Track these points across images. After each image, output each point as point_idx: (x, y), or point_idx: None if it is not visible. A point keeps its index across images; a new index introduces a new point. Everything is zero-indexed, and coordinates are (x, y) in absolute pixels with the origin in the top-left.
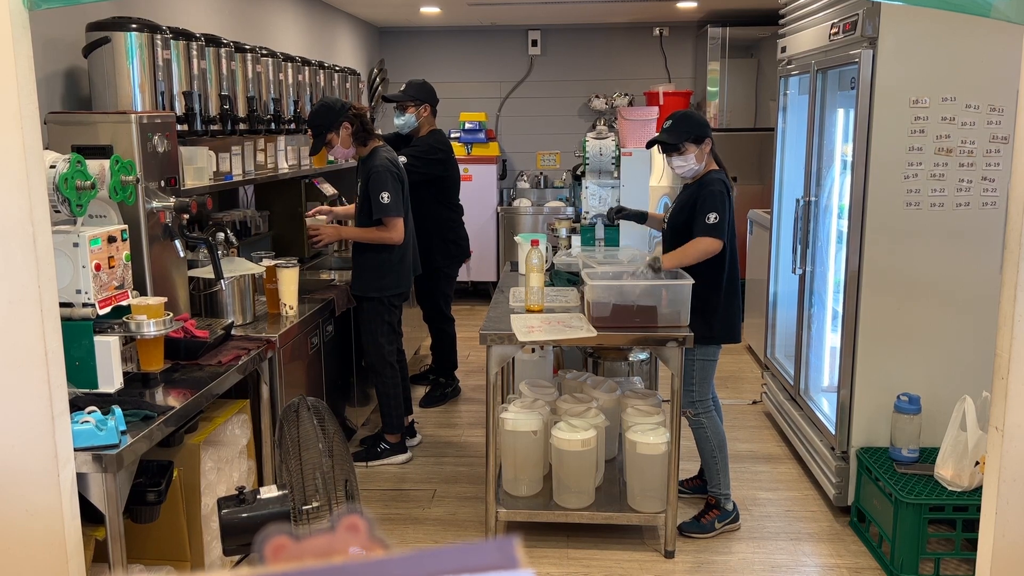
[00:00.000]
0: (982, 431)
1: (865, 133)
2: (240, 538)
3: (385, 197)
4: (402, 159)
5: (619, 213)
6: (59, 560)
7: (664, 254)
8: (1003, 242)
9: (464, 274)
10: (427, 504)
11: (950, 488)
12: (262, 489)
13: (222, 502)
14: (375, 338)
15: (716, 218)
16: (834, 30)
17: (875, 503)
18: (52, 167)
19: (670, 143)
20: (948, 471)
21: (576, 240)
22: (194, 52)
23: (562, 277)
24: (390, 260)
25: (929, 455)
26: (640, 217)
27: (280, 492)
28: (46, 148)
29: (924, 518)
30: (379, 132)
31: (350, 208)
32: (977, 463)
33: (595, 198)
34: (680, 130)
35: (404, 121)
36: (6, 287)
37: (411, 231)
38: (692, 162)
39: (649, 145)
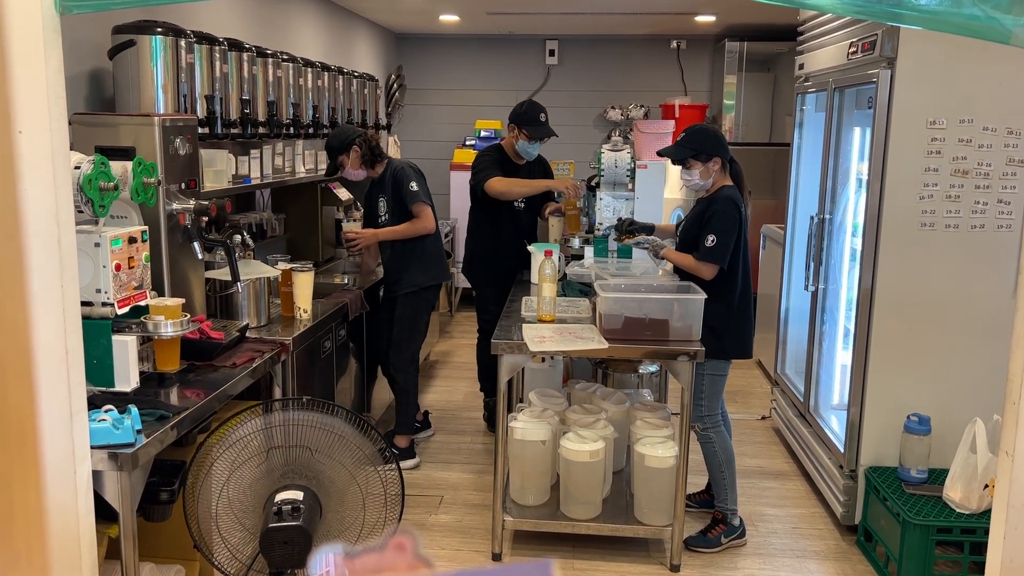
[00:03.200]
0: (992, 454)
1: (881, 152)
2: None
3: (413, 186)
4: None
5: (631, 226)
6: (72, 556)
7: (671, 249)
8: (1017, 265)
9: None
10: (434, 510)
11: (958, 510)
12: (285, 494)
13: (280, 519)
14: (412, 335)
15: (714, 241)
16: (852, 49)
17: (882, 523)
18: (76, 168)
19: (674, 157)
20: (957, 493)
21: (589, 251)
22: (217, 56)
23: (574, 288)
24: (426, 249)
25: (938, 476)
26: (648, 230)
27: (298, 493)
28: (71, 149)
29: (931, 539)
30: (393, 142)
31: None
32: (986, 486)
33: (609, 210)
34: (686, 146)
35: (536, 149)
36: (29, 286)
37: (439, 228)
38: (697, 178)
39: (660, 154)
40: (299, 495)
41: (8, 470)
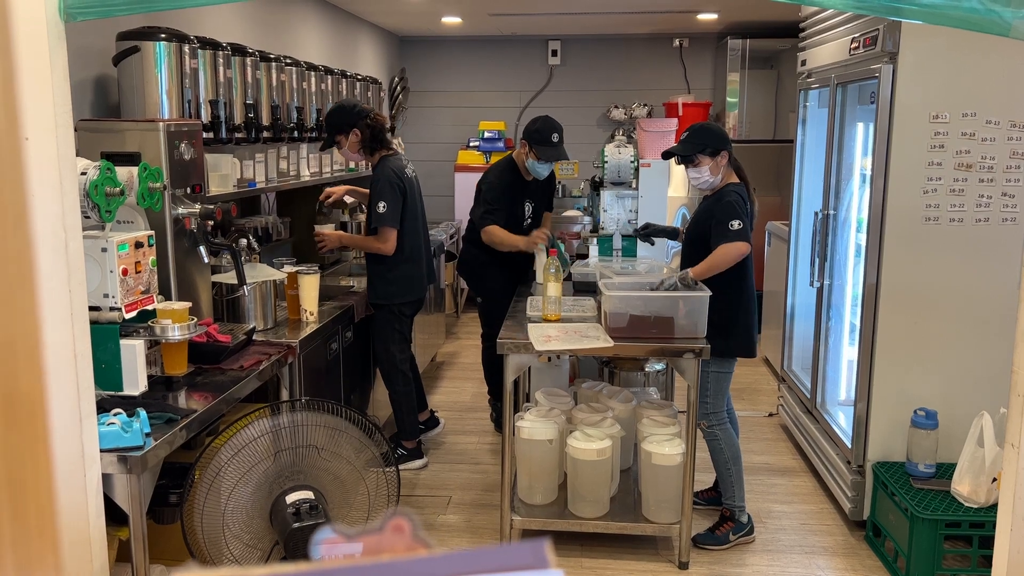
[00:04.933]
0: (999, 447)
1: (884, 147)
2: None
3: (381, 207)
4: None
5: (646, 230)
6: (83, 559)
7: (693, 269)
8: (1022, 258)
9: None
10: (442, 510)
11: (967, 504)
12: (295, 495)
13: (300, 519)
14: (387, 345)
15: (740, 224)
16: (854, 44)
17: (891, 518)
18: (83, 174)
19: (683, 154)
20: (965, 487)
21: (594, 250)
22: (220, 61)
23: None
24: (391, 270)
25: (946, 471)
26: (672, 233)
27: (308, 492)
28: (76, 155)
29: (940, 534)
30: (398, 145)
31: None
32: (994, 479)
33: (613, 208)
34: (694, 142)
35: (545, 169)
36: (37, 291)
37: (420, 244)
38: (707, 174)
39: (665, 156)
40: (310, 494)
41: (21, 473)
